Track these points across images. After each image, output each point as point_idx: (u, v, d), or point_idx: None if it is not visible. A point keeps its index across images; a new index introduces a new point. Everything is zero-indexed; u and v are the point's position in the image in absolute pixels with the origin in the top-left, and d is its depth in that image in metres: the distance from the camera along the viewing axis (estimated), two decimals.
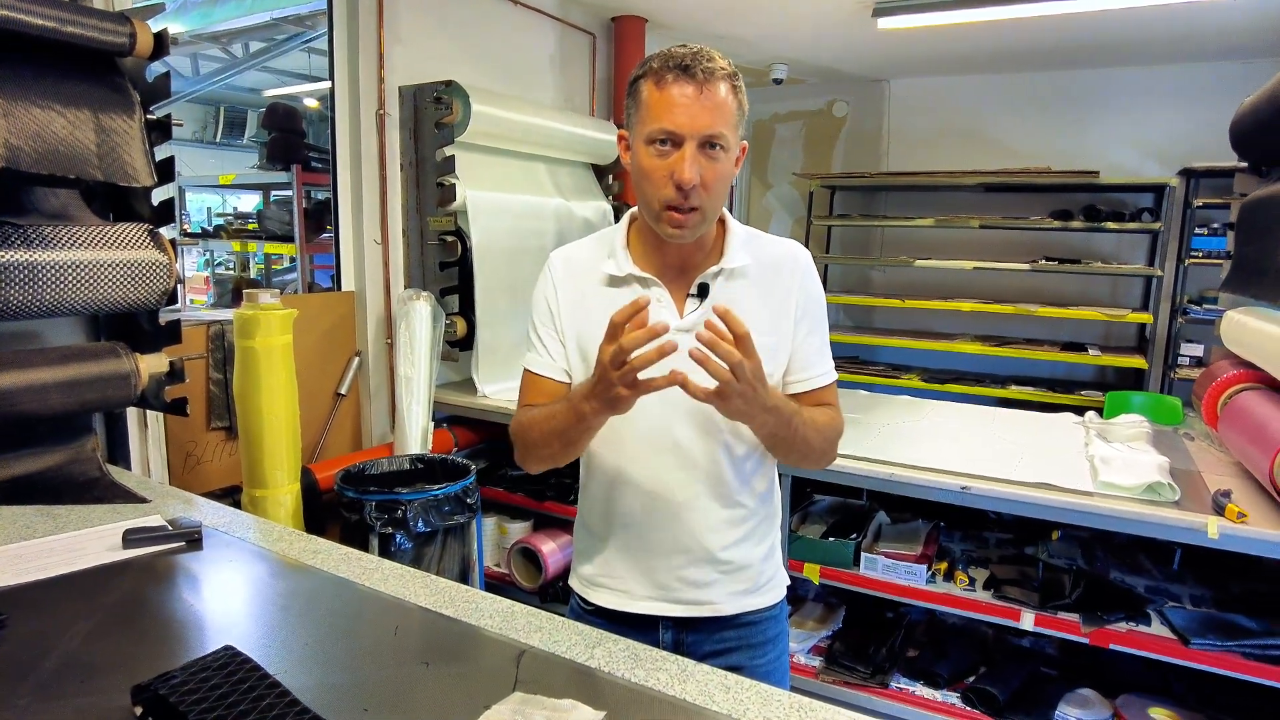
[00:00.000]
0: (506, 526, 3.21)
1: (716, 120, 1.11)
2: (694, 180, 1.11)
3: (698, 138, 1.11)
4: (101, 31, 1.63)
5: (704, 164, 1.12)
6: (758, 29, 4.23)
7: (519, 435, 1.26)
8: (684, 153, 1.11)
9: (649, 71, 1.14)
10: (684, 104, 1.10)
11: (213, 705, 0.84)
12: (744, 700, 0.97)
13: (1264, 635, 2.03)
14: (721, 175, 1.15)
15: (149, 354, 1.82)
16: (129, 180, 1.66)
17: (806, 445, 1.20)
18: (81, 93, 1.62)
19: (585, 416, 1.10)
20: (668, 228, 1.16)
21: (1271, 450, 1.87)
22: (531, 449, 1.23)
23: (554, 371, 1.27)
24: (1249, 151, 2.56)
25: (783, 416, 1.13)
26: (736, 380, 1.02)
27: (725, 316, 1.01)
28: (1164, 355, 4.77)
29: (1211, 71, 4.60)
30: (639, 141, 1.16)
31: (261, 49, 5.61)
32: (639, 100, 1.15)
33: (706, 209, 1.15)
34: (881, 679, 2.40)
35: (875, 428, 2.75)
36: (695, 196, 1.12)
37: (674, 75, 1.11)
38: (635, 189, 1.19)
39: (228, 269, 6.27)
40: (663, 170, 1.12)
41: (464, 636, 1.10)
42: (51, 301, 1.58)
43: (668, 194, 1.12)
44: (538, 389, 1.28)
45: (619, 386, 1.02)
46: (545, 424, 1.18)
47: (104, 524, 1.46)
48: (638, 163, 1.16)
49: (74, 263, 1.59)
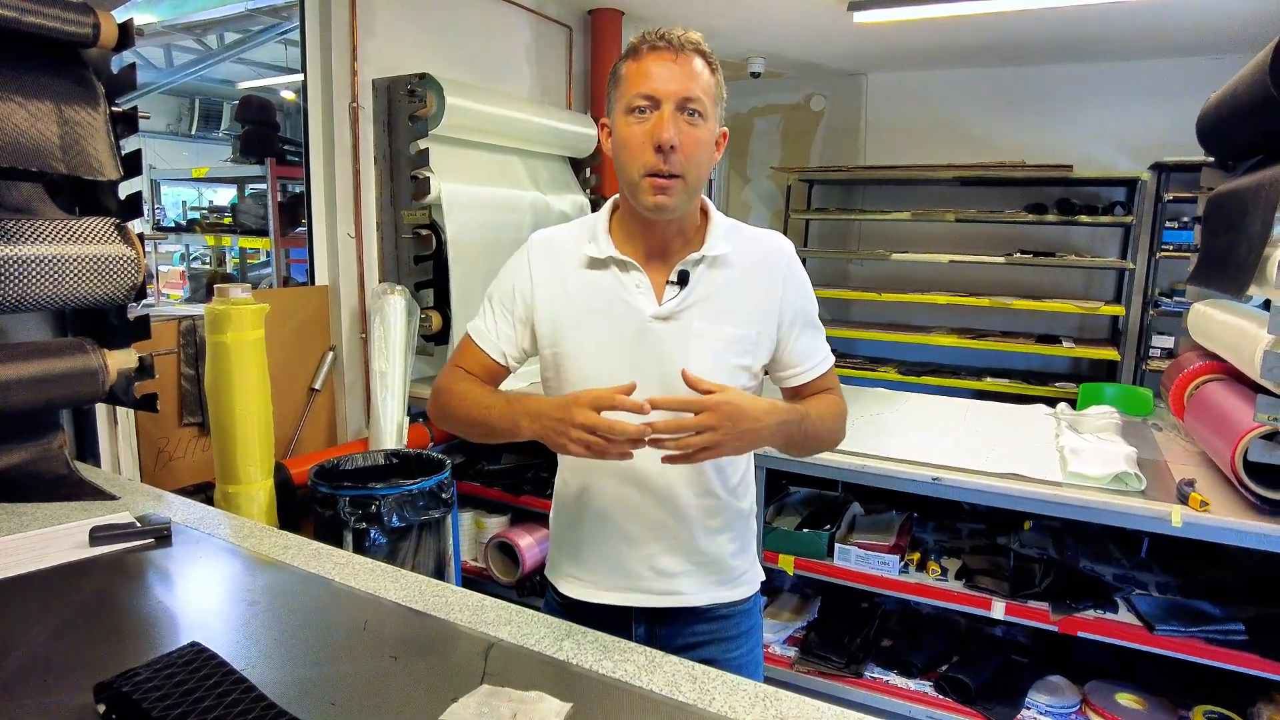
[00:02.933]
0: (484, 521, 3.20)
1: (693, 85, 1.12)
2: (672, 139, 1.10)
3: (674, 99, 1.12)
4: (64, 22, 1.61)
5: (684, 128, 1.12)
6: (733, 22, 4.24)
7: (442, 395, 1.27)
8: (662, 113, 1.12)
9: (628, 52, 1.16)
10: (660, 69, 1.12)
11: (177, 702, 0.83)
12: (710, 690, 0.98)
13: (1225, 620, 2.07)
14: (701, 142, 1.15)
15: (117, 350, 1.80)
16: (93, 174, 1.63)
17: (817, 440, 1.24)
18: (44, 84, 1.60)
19: (520, 432, 1.13)
20: (649, 196, 1.14)
21: (1233, 440, 1.90)
22: (450, 418, 1.26)
23: (492, 349, 1.28)
24: (1213, 146, 2.60)
25: (793, 428, 1.17)
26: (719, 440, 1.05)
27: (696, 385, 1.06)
28: (1136, 347, 4.84)
29: (1182, 67, 4.67)
30: (619, 116, 1.16)
31: (236, 40, 5.53)
32: (618, 78, 1.17)
33: (689, 176, 1.14)
34: (856, 668, 2.43)
35: (850, 420, 2.76)
36: (675, 161, 1.12)
37: (649, 46, 1.13)
38: (616, 168, 1.19)
39: (204, 264, 6.19)
40: (641, 135, 1.13)
41: (434, 630, 1.10)
42: (14, 297, 1.55)
43: (647, 159, 1.12)
44: (472, 356, 1.30)
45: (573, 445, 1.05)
46: (475, 410, 1.21)
47: (71, 521, 1.44)
48: (618, 136, 1.17)
49: (37, 257, 1.57)
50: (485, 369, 1.29)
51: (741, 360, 1.22)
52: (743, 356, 1.22)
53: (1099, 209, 4.73)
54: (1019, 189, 5.13)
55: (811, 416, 1.20)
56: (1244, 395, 2.08)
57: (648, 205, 1.15)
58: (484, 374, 1.29)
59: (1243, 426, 1.89)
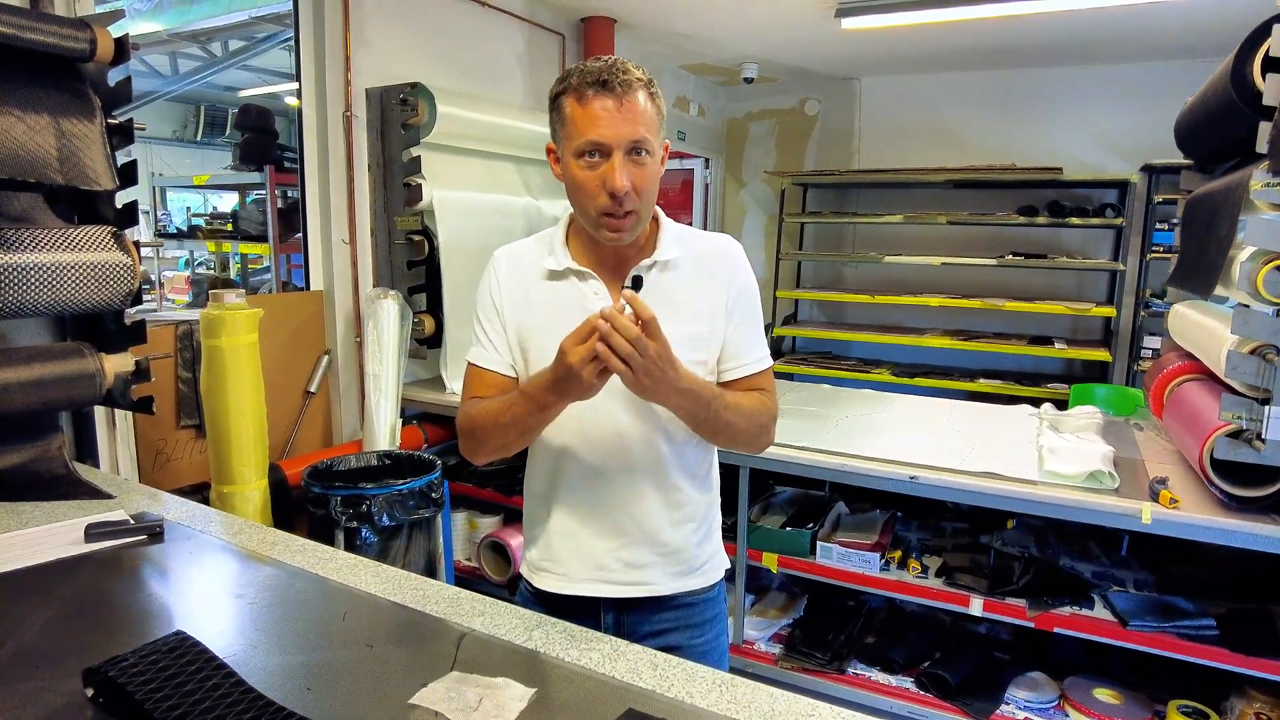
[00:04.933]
0: (477, 521, 3.25)
1: (639, 127, 1.17)
2: (625, 187, 1.17)
3: (624, 146, 1.17)
4: (61, 38, 1.67)
5: (632, 170, 1.18)
6: (725, 29, 4.29)
7: (468, 428, 1.30)
8: (613, 162, 1.17)
9: (569, 88, 1.19)
10: (606, 116, 1.16)
11: (160, 685, 0.88)
12: (669, 676, 1.03)
13: (1198, 616, 2.11)
14: (650, 177, 1.21)
15: (115, 354, 1.86)
16: (89, 184, 1.69)
17: (731, 428, 1.26)
18: (41, 98, 1.66)
19: (548, 406, 1.17)
20: (606, 233, 1.22)
21: (1202, 438, 1.95)
22: (484, 441, 1.28)
23: (500, 365, 1.33)
24: (1189, 151, 2.65)
25: (700, 399, 1.19)
26: (640, 357, 1.07)
27: (632, 301, 1.07)
28: (1128, 348, 4.87)
29: (1170, 70, 4.71)
30: (568, 155, 1.21)
31: (240, 48, 5.60)
32: (563, 116, 1.21)
33: (640, 211, 1.22)
34: (839, 665, 2.48)
35: (835, 420, 2.82)
36: (629, 201, 1.19)
37: (594, 90, 1.16)
38: (571, 199, 1.25)
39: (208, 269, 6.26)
40: (595, 181, 1.18)
41: (409, 621, 1.15)
42: (14, 303, 1.61)
43: (602, 202, 1.19)
44: (483, 382, 1.33)
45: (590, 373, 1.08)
46: (502, 415, 1.23)
47: (68, 519, 1.49)
48: (570, 175, 1.22)
49: (36, 265, 1.63)
50: (498, 388, 1.31)
51: (697, 355, 1.28)
52: (698, 351, 1.28)
53: (1089, 211, 4.77)
54: (1010, 191, 5.18)
55: (727, 402, 1.24)
56: (1216, 395, 2.11)
57: (606, 239, 1.23)
58: (500, 392, 1.31)
59: (1211, 425, 1.93)
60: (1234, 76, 1.85)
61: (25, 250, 1.62)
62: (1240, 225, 1.87)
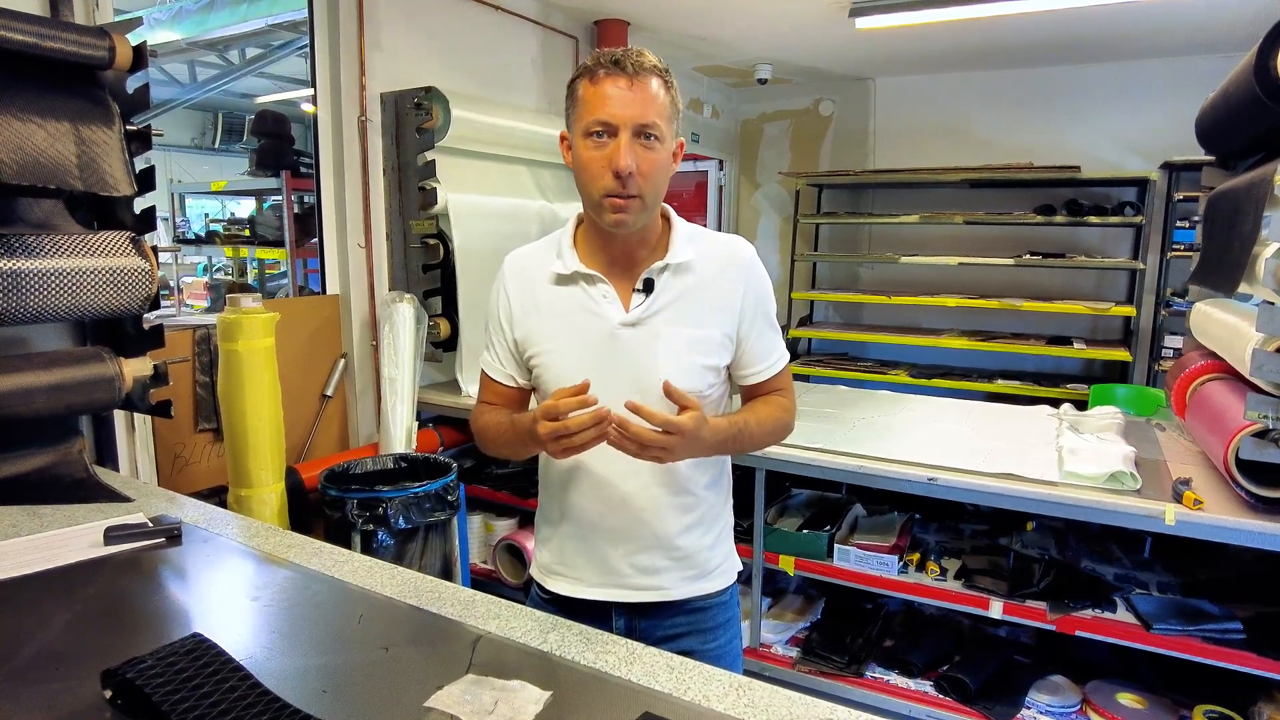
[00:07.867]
0: (493, 524, 3.26)
1: (649, 110, 1.17)
2: (630, 166, 1.15)
3: (632, 126, 1.16)
4: (81, 46, 1.69)
5: (640, 153, 1.17)
6: (738, 30, 4.28)
7: (478, 433, 1.38)
8: (619, 141, 1.16)
9: (583, 71, 1.20)
10: (617, 95, 1.16)
11: (178, 687, 0.89)
12: (685, 680, 1.02)
13: (1224, 620, 2.08)
14: (658, 164, 1.20)
15: (133, 358, 1.88)
16: (108, 190, 1.71)
17: (754, 446, 1.32)
18: (61, 105, 1.68)
19: (533, 445, 1.20)
20: (609, 215, 1.20)
21: (1227, 438, 1.92)
22: (490, 447, 1.36)
23: (502, 376, 1.37)
24: (1211, 147, 2.61)
25: (729, 443, 1.25)
26: (671, 451, 1.13)
27: (672, 395, 1.13)
28: (1149, 347, 4.81)
29: (1188, 66, 4.65)
30: (578, 136, 1.21)
31: (257, 55, 5.66)
32: (576, 98, 1.21)
33: (646, 196, 1.20)
34: (857, 668, 2.45)
35: (852, 422, 2.80)
36: (633, 184, 1.17)
37: (606, 70, 1.17)
38: (578, 184, 1.25)
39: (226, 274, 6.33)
40: (600, 161, 1.18)
41: (424, 623, 1.15)
42: (35, 308, 1.63)
43: (607, 183, 1.18)
44: (490, 389, 1.39)
45: (554, 448, 1.12)
46: (501, 435, 1.30)
47: (88, 522, 1.51)
48: (577, 156, 1.22)
49: (57, 270, 1.65)
50: (504, 396, 1.38)
51: (708, 360, 1.27)
52: (709, 357, 1.27)
53: (1108, 210, 4.72)
54: (1027, 191, 5.13)
55: (751, 425, 1.28)
56: (1240, 394, 2.08)
57: (608, 223, 1.22)
58: (505, 401, 1.38)
59: (1236, 425, 1.90)
60: (1257, 71, 1.82)
61: (47, 256, 1.63)
62: (1264, 221, 1.84)
